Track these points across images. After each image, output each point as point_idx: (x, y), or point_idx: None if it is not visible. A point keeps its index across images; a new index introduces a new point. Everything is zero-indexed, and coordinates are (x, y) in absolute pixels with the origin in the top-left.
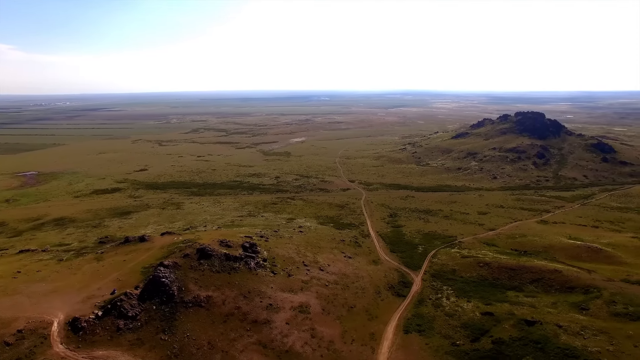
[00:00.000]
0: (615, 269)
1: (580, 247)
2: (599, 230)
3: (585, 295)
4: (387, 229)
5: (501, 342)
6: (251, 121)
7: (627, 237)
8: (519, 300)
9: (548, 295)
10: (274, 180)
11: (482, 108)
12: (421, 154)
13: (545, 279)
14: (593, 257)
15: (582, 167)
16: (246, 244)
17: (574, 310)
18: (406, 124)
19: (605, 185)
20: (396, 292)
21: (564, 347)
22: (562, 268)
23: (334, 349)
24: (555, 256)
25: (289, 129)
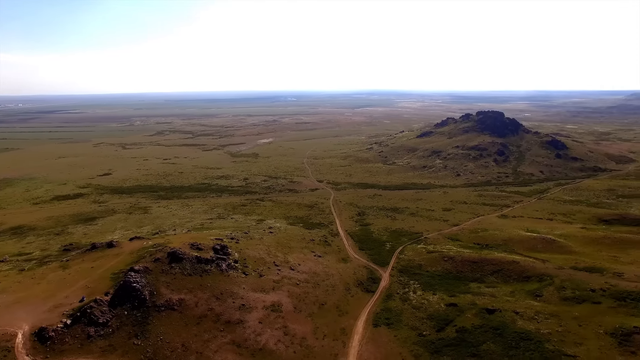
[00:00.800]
0: (566, 258)
1: (536, 238)
2: (553, 223)
3: (539, 283)
4: (355, 227)
5: (464, 330)
6: (218, 122)
7: (577, 228)
8: (481, 290)
9: (507, 285)
10: (242, 182)
11: (446, 107)
12: (387, 153)
13: (504, 270)
14: (547, 248)
15: (539, 163)
16: (217, 246)
17: (530, 298)
18: (373, 124)
19: (559, 180)
20: (365, 288)
21: (519, 331)
22: (519, 259)
23: (306, 345)
24: (514, 248)
25: (256, 130)
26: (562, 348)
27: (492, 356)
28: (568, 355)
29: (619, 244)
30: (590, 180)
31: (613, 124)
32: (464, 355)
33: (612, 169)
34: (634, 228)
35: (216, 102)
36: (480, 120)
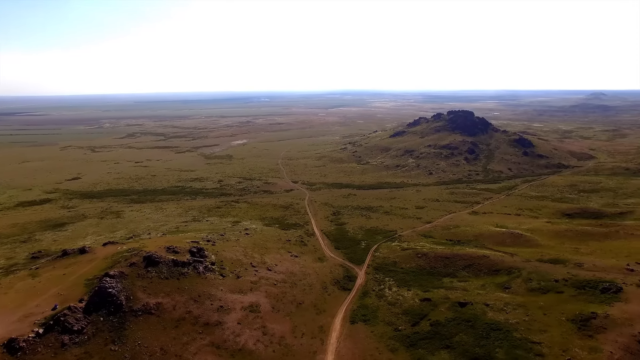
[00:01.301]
0: (532, 251)
1: (505, 233)
2: (521, 218)
3: (508, 275)
4: (331, 227)
5: (438, 323)
6: (190, 124)
7: (542, 222)
8: (453, 285)
9: (478, 279)
10: (217, 184)
11: (418, 107)
12: (361, 153)
13: (475, 265)
14: (515, 242)
15: (507, 160)
16: (193, 249)
17: (499, 290)
18: (346, 124)
19: (526, 177)
20: (342, 286)
21: (490, 322)
22: (489, 253)
23: (285, 343)
24: (484, 243)
25: (230, 131)
26: (528, 336)
27: (465, 347)
28: (534, 342)
29: (580, 236)
30: (554, 177)
31: (575, 122)
32: (438, 348)
33: (574, 166)
34: (593, 221)
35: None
36: (451, 119)
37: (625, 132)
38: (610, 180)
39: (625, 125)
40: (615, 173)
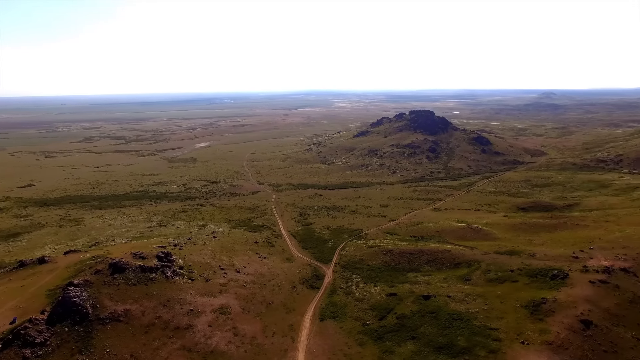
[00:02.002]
0: (490, 244)
1: (465, 228)
2: (480, 213)
3: (468, 268)
4: (297, 227)
5: (404, 316)
6: (152, 127)
7: (500, 217)
8: (417, 279)
9: (440, 272)
10: (181, 187)
11: (381, 106)
12: (326, 153)
13: (438, 259)
14: (475, 236)
15: (467, 158)
16: (161, 254)
17: (460, 282)
18: (310, 124)
19: (484, 173)
20: (310, 285)
21: (452, 312)
22: (451, 248)
23: (256, 343)
24: (446, 238)
25: (193, 133)
26: (487, 323)
27: (429, 337)
28: (492, 329)
29: (533, 228)
30: (510, 173)
31: (529, 120)
32: (404, 339)
33: (528, 162)
34: (544, 213)
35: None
36: (413, 119)
37: (573, 130)
38: (559, 175)
39: (572, 123)
40: (564, 168)
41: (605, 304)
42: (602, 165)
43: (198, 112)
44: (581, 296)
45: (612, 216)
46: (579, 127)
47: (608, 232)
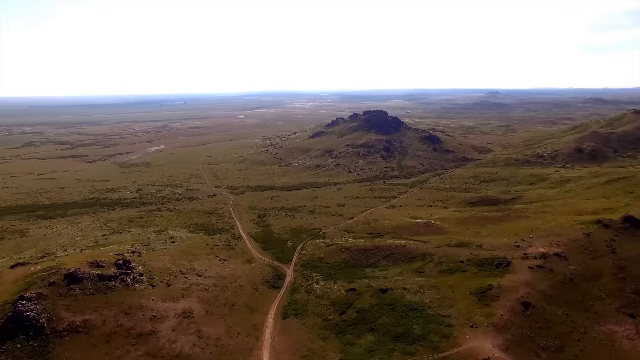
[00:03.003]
0: (442, 238)
1: (419, 224)
2: (432, 208)
3: (422, 261)
4: (257, 229)
5: (363, 310)
6: (100, 130)
7: (450, 211)
8: (375, 274)
9: (396, 267)
10: (135, 193)
11: (336, 107)
12: (282, 154)
13: (394, 254)
14: (428, 231)
15: (419, 156)
16: (119, 262)
17: (415, 275)
18: (266, 126)
19: (436, 171)
20: (272, 285)
21: (408, 303)
22: (405, 243)
23: (221, 344)
24: (401, 234)
25: (145, 137)
26: (440, 311)
27: (387, 327)
28: (444, 316)
29: (481, 221)
30: (460, 169)
31: (476, 119)
32: (364, 331)
33: (476, 159)
34: (491, 207)
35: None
36: (366, 119)
37: (516, 128)
38: (504, 171)
39: (515, 121)
40: (508, 164)
41: (541, 287)
42: (540, 161)
43: (149, 114)
44: (522, 281)
45: (549, 207)
46: (521, 125)
47: (545, 221)
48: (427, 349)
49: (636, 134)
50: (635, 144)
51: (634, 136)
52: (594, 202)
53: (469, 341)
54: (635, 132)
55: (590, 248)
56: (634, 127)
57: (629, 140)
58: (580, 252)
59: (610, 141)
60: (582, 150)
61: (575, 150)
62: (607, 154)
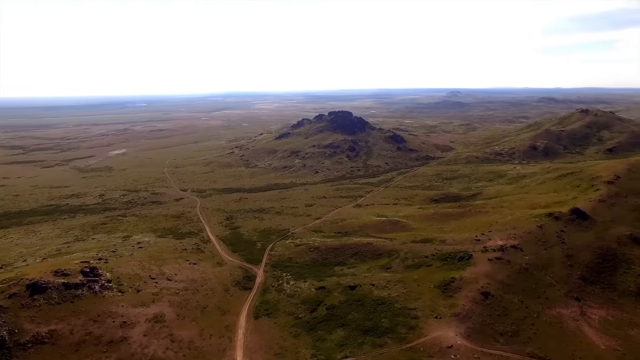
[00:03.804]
0: (407, 234)
1: (385, 221)
2: (398, 206)
3: (389, 258)
4: (225, 231)
5: (333, 307)
6: (56, 134)
7: (415, 209)
8: (344, 272)
9: (364, 264)
10: (98, 198)
11: (301, 107)
12: (249, 156)
13: (361, 252)
14: (394, 228)
15: (384, 156)
16: (86, 269)
17: (382, 271)
18: (231, 127)
19: (400, 169)
20: (243, 286)
21: (376, 299)
22: (373, 241)
23: (194, 347)
24: (368, 232)
25: (106, 140)
26: (406, 305)
27: (357, 322)
28: (411, 309)
29: (444, 217)
30: (423, 168)
31: (439, 118)
32: (334, 327)
33: (438, 157)
34: (453, 203)
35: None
36: (332, 120)
37: (476, 126)
38: (465, 168)
39: (475, 120)
40: (469, 161)
41: (499, 277)
42: (499, 158)
43: (109, 117)
44: (482, 272)
45: (506, 202)
46: (481, 124)
47: (503, 216)
48: (395, 341)
49: (583, 132)
50: (582, 141)
51: (581, 134)
52: (547, 196)
53: (434, 331)
54: (582, 130)
55: (542, 239)
56: (581, 125)
57: (577, 137)
58: (534, 243)
59: (561, 138)
60: (536, 147)
61: (530, 147)
62: (558, 150)
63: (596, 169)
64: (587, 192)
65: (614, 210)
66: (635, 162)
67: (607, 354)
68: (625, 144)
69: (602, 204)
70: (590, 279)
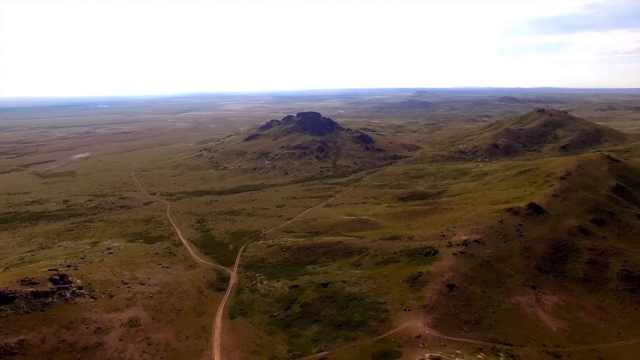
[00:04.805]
0: (377, 232)
1: (355, 220)
2: (367, 205)
3: (359, 255)
4: (197, 234)
5: (306, 304)
6: (11, 137)
7: (383, 207)
8: (316, 270)
9: (335, 262)
10: (62, 205)
11: (269, 108)
12: (218, 158)
13: (332, 250)
14: (363, 226)
15: (352, 156)
16: (55, 277)
17: (353, 268)
18: (199, 129)
19: (369, 169)
20: (217, 287)
21: (348, 295)
22: (343, 239)
23: (171, 348)
24: (338, 231)
25: (67, 144)
26: (377, 299)
27: (330, 318)
28: (381, 303)
29: (411, 215)
30: (391, 167)
31: (405, 117)
32: (308, 323)
33: (405, 156)
34: (420, 201)
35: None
36: (301, 121)
37: (441, 125)
38: (431, 167)
39: (440, 119)
40: (434, 160)
41: (463, 270)
42: (463, 156)
43: (69, 119)
44: (447, 266)
45: (470, 199)
46: (446, 123)
47: (467, 212)
48: (367, 334)
49: (540, 130)
50: (539, 139)
51: (538, 132)
52: (507, 192)
53: (403, 323)
54: (539, 128)
55: (503, 233)
56: (538, 124)
57: (535, 135)
58: (495, 237)
59: (520, 137)
60: (497, 145)
61: (492, 146)
62: (517, 148)
63: (551, 166)
64: (543, 187)
65: (565, 204)
66: (584, 159)
67: (558, 335)
68: (577, 141)
69: (555, 198)
70: (545, 268)
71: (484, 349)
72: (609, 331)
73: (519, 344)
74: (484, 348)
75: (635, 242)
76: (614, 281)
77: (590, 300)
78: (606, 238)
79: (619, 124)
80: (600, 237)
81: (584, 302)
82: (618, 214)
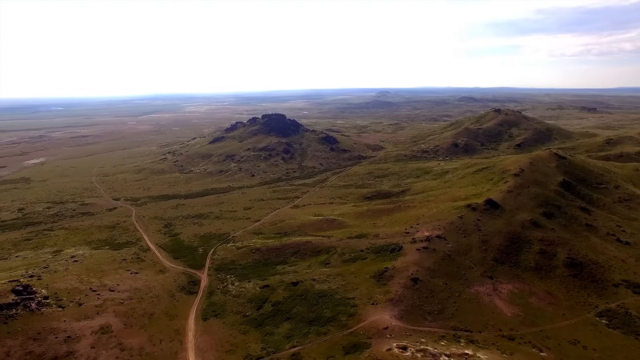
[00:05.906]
0: (344, 231)
1: (322, 220)
2: (333, 205)
3: (327, 254)
4: (165, 239)
5: (278, 303)
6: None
7: (349, 207)
8: (286, 270)
9: (305, 261)
10: (17, 213)
11: (233, 109)
12: (183, 161)
13: (301, 250)
14: (330, 226)
15: (318, 157)
16: (18, 288)
17: (322, 266)
18: (162, 132)
19: (334, 170)
20: (188, 291)
21: (317, 292)
22: (311, 239)
23: (145, 353)
24: (306, 231)
25: (19, 148)
26: (346, 295)
27: (301, 315)
28: (349, 298)
29: (376, 213)
30: (356, 167)
31: (369, 117)
32: (281, 321)
33: (370, 156)
34: (385, 200)
35: None
36: (266, 122)
37: (404, 125)
38: (395, 166)
39: (403, 119)
40: (398, 159)
41: (426, 264)
42: (425, 155)
43: (19, 122)
44: (411, 261)
45: (432, 196)
46: (409, 123)
47: (429, 209)
48: (337, 328)
49: (496, 129)
50: (496, 137)
51: (495, 131)
52: (466, 189)
53: (371, 316)
54: (495, 127)
55: (462, 228)
56: (494, 124)
57: (492, 134)
58: (456, 232)
59: (478, 136)
60: (457, 144)
61: (452, 145)
62: (476, 147)
63: (506, 163)
64: (499, 184)
65: (519, 199)
66: (535, 156)
67: (512, 319)
68: (530, 139)
69: (509, 194)
70: (501, 259)
71: (447, 337)
72: (556, 313)
73: (477, 330)
74: (446, 335)
75: (579, 232)
76: (560, 268)
77: (540, 287)
78: (554, 229)
79: (567, 123)
80: (549, 229)
81: (535, 288)
82: (564, 207)
